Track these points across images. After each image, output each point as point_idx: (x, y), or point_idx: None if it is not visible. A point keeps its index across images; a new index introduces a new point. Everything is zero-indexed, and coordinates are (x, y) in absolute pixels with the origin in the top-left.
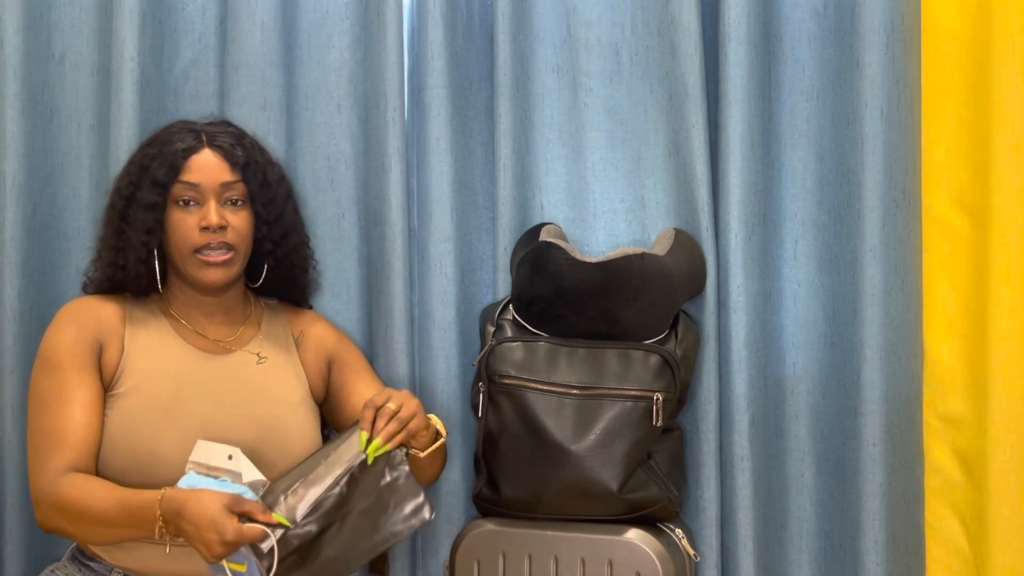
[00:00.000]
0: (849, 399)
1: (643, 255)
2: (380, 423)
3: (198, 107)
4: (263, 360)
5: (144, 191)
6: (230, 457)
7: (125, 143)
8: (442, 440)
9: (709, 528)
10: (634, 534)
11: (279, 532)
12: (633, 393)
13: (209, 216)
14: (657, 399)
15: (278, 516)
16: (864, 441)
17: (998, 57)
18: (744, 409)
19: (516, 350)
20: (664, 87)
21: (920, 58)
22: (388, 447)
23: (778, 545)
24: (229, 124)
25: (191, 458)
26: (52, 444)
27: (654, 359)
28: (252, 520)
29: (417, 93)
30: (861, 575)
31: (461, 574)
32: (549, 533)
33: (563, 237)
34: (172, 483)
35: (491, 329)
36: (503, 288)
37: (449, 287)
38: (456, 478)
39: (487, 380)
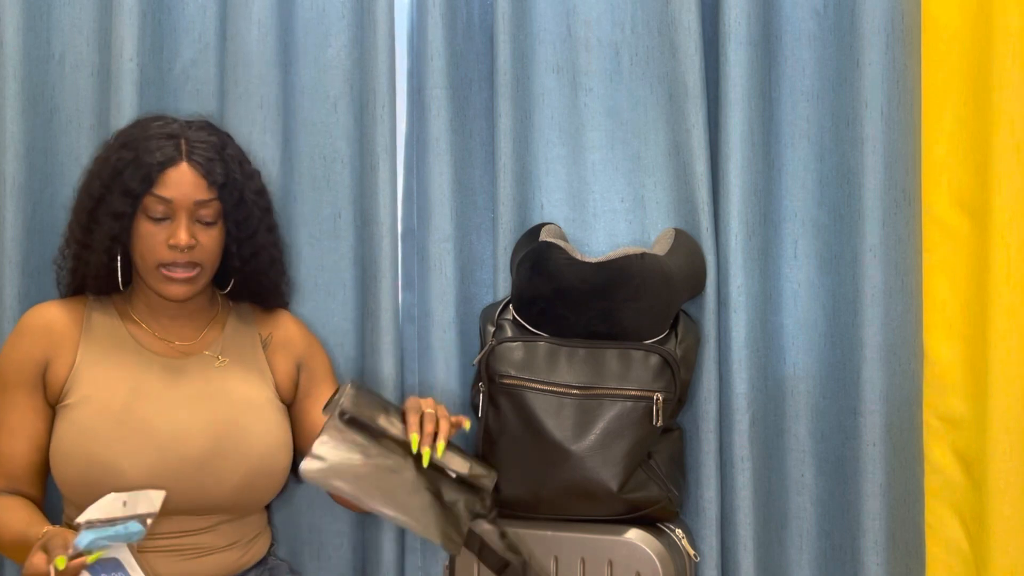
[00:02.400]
0: (849, 399)
1: (643, 255)
2: (428, 427)
3: (198, 107)
4: (223, 362)
5: (114, 197)
6: (124, 503)
7: None
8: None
9: (709, 528)
10: (634, 534)
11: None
12: (633, 393)
13: (178, 234)
14: (657, 399)
15: (60, 560)
16: (864, 441)
17: (998, 57)
18: (744, 409)
19: (516, 350)
20: (664, 87)
21: (920, 58)
22: (441, 444)
23: (778, 545)
24: (212, 130)
25: (81, 518)
26: None
27: (654, 359)
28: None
29: (417, 93)
30: (861, 575)
31: (461, 574)
32: (549, 533)
33: (563, 237)
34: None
35: (491, 329)
36: (503, 288)
37: (449, 287)
38: None
39: (487, 380)
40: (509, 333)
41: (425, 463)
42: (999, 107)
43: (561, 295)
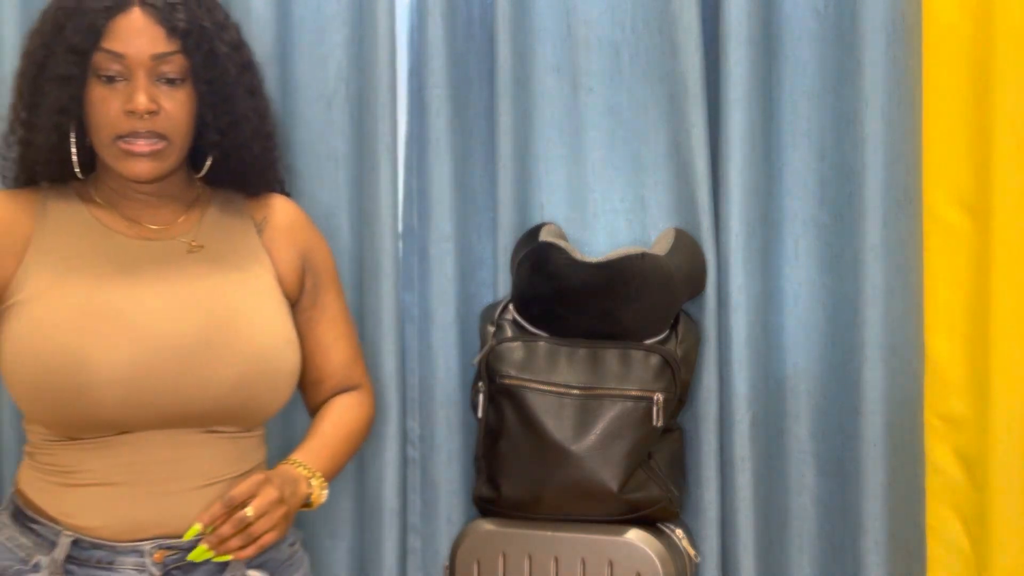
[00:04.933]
0: (850, 399)
1: (643, 255)
2: (226, 529)
3: None
4: (196, 248)
5: (58, 59)
6: None
7: None
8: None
9: (710, 528)
10: (634, 534)
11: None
12: (633, 393)
13: (135, 98)
14: (657, 399)
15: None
16: (865, 441)
17: (1000, 56)
18: (744, 409)
19: (516, 350)
20: (664, 87)
21: (921, 57)
22: (225, 558)
23: (779, 545)
24: None
25: None
26: None
27: (654, 359)
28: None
29: (417, 93)
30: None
31: (461, 574)
32: (549, 533)
33: (563, 237)
34: (102, 389)
35: (491, 329)
36: (503, 288)
37: (449, 287)
38: (456, 478)
39: (487, 380)
40: (509, 333)
41: (191, 557)
42: (1000, 106)
43: (561, 295)
